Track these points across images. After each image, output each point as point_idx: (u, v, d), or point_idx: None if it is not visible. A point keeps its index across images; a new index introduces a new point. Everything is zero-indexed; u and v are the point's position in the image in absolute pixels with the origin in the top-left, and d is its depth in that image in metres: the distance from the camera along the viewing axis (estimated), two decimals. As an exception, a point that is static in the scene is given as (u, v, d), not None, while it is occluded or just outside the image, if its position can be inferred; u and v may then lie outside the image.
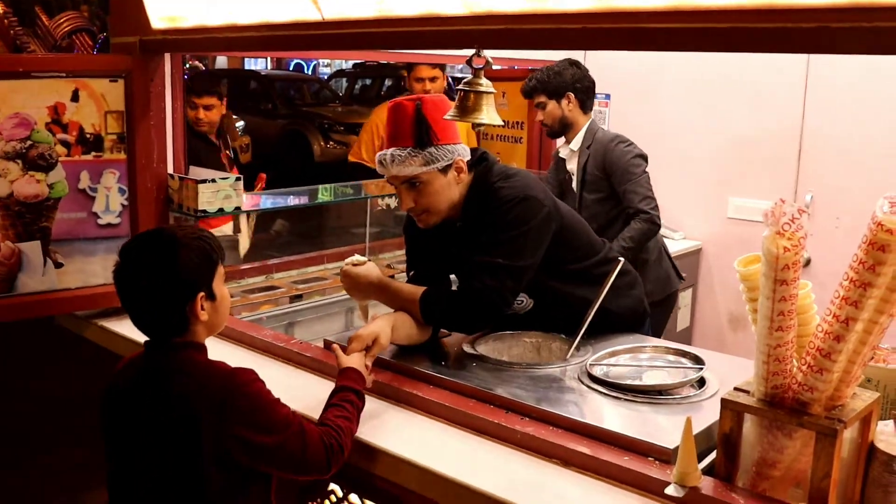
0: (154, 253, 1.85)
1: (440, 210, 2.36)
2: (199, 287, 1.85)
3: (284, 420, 1.82)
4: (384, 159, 2.30)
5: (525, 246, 2.32)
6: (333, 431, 1.88)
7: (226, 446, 1.76)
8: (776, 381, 1.62)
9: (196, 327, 1.88)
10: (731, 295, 4.72)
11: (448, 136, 2.31)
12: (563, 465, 1.88)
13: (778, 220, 1.52)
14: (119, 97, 2.91)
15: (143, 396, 1.85)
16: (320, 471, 1.85)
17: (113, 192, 2.95)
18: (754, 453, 1.69)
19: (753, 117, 4.49)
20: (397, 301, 2.37)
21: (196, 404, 1.77)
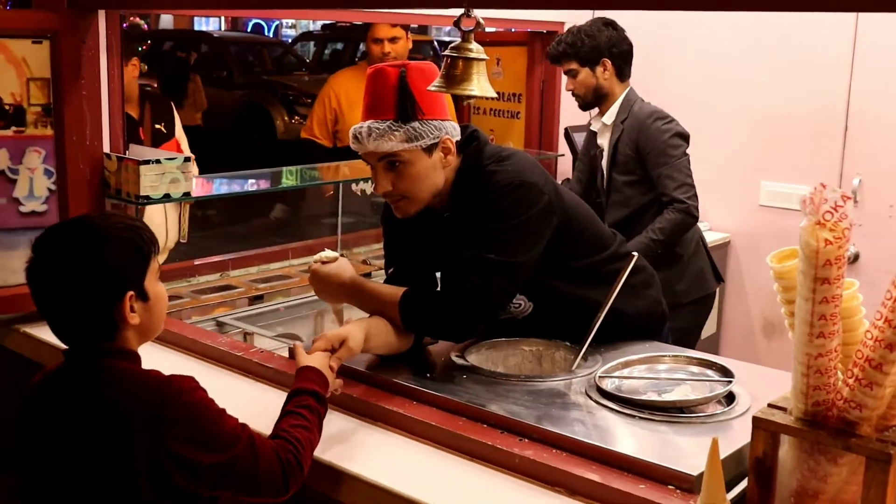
0: (73, 246, 1.82)
1: (421, 197, 2.36)
2: (128, 285, 1.83)
3: (231, 433, 1.81)
4: (360, 133, 2.29)
5: (520, 239, 2.32)
6: (290, 445, 1.87)
7: (164, 467, 1.75)
8: (818, 397, 1.62)
9: (126, 332, 1.86)
10: (764, 296, 4.73)
11: (435, 110, 2.30)
12: (569, 495, 1.88)
13: (818, 209, 1.52)
14: (44, 62, 2.88)
15: (65, 414, 1.83)
16: (276, 492, 1.84)
17: (38, 174, 2.93)
18: (792, 481, 1.69)
19: (790, 89, 4.50)
20: (373, 305, 2.37)
21: (127, 420, 1.75)
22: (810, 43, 4.39)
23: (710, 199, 4.87)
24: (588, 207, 2.66)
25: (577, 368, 2.36)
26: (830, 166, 4.37)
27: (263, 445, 1.83)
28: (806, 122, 4.46)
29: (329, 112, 4.69)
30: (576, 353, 2.39)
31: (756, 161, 4.68)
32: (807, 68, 4.44)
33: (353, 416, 2.24)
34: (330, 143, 4.70)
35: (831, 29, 4.33)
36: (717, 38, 4.69)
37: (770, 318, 4.74)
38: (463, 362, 2.40)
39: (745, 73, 4.63)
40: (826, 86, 4.39)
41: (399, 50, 4.56)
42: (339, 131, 4.68)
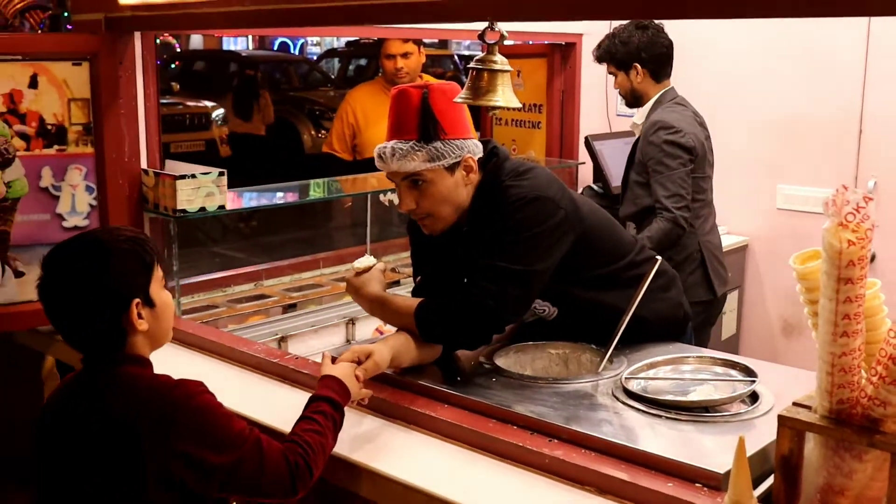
0: (79, 262, 1.85)
1: (444, 214, 2.36)
2: (134, 294, 1.85)
3: (238, 435, 1.81)
4: (384, 153, 2.29)
5: (534, 250, 2.31)
6: (300, 448, 1.88)
7: (171, 468, 1.76)
8: (842, 395, 1.61)
9: (135, 339, 1.88)
10: (782, 297, 4.69)
11: (457, 129, 2.30)
12: (598, 493, 1.87)
13: (840, 210, 1.51)
14: (83, 83, 2.91)
15: (79, 419, 1.84)
16: (284, 492, 1.84)
17: (79, 190, 2.95)
18: (818, 478, 1.68)
19: (806, 93, 4.47)
20: (396, 319, 2.39)
21: (137, 422, 1.77)
22: (824, 48, 4.36)
23: (728, 202, 4.85)
24: (608, 215, 2.64)
25: (603, 370, 2.34)
26: (846, 169, 4.34)
27: (271, 448, 1.84)
28: (821, 125, 4.43)
29: (347, 127, 4.70)
30: (601, 355, 2.38)
31: (772, 165, 4.65)
32: (821, 73, 4.41)
33: (385, 419, 2.24)
34: (350, 156, 4.71)
35: (845, 33, 4.30)
36: (734, 44, 4.67)
37: (788, 319, 4.71)
38: (491, 365, 2.40)
39: (761, 78, 4.61)
40: (840, 90, 4.36)
41: (411, 65, 4.55)
42: (357, 145, 4.69)
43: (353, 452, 2.06)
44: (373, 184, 4.05)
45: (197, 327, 2.96)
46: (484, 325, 2.31)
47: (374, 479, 2.00)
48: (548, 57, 4.87)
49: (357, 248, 4.24)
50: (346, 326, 3.41)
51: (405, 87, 2.32)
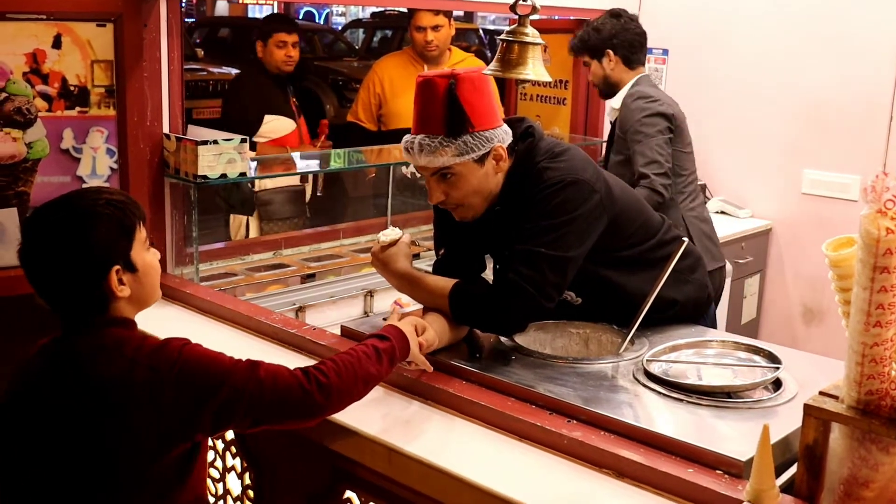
0: (56, 227, 1.82)
1: (475, 203, 2.31)
2: (114, 260, 1.83)
3: (229, 368, 1.83)
4: (411, 147, 2.24)
5: (571, 235, 2.26)
6: (320, 367, 1.90)
7: (164, 421, 1.76)
8: (871, 386, 1.57)
9: (118, 304, 1.86)
10: (805, 283, 4.65)
11: (486, 120, 2.23)
12: (616, 477, 1.85)
13: (880, 196, 1.47)
14: (108, 45, 2.89)
15: (61, 383, 1.82)
16: (295, 405, 1.86)
17: (100, 153, 2.93)
18: (843, 470, 1.65)
19: (835, 75, 4.41)
20: (427, 299, 2.35)
21: (128, 385, 1.76)
22: (857, 30, 4.29)
23: (752, 186, 4.82)
24: (637, 196, 2.61)
25: (625, 352, 2.31)
26: (874, 156, 4.27)
27: (268, 366, 1.87)
28: (850, 110, 4.37)
29: (373, 97, 4.67)
30: (622, 336, 2.35)
31: (799, 149, 4.59)
32: (853, 56, 4.34)
33: (402, 393, 2.22)
34: (375, 126, 4.69)
35: (879, 17, 4.23)
36: (764, 23, 4.62)
37: (809, 305, 4.67)
38: (511, 344, 2.37)
39: (790, 59, 4.55)
40: (872, 74, 4.29)
41: (441, 38, 4.52)
42: (383, 115, 4.66)
43: (369, 427, 2.04)
44: (396, 155, 4.02)
45: (214, 295, 2.94)
46: (522, 311, 2.26)
47: (389, 455, 1.98)
48: (574, 32, 4.80)
49: (378, 220, 4.21)
50: (365, 298, 3.39)
51: (431, 76, 2.24)
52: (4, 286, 2.79)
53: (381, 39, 15.15)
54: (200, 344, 1.87)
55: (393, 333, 2.09)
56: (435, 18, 4.48)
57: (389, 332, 2.08)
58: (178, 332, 2.25)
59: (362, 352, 1.99)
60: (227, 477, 2.42)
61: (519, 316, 2.28)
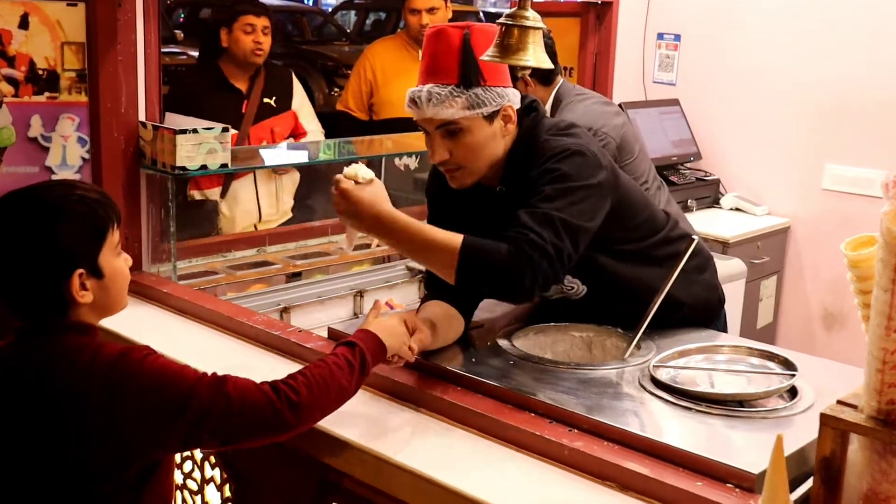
0: (19, 220, 1.80)
1: (478, 167, 2.31)
2: (77, 263, 1.80)
3: (192, 383, 1.80)
4: (418, 97, 2.23)
5: (584, 203, 2.21)
6: (289, 379, 1.88)
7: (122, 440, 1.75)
8: (893, 395, 1.57)
9: (78, 309, 1.83)
10: (824, 285, 4.67)
11: (498, 77, 2.26)
12: (620, 490, 1.85)
13: (901, 193, 1.47)
14: (79, 25, 2.89)
15: (14, 396, 1.80)
16: (266, 420, 1.83)
17: (71, 142, 2.94)
18: (862, 484, 1.65)
19: (858, 66, 4.42)
20: (414, 245, 2.19)
21: (85, 395, 1.75)
22: (883, 15, 4.30)
23: (769, 181, 4.83)
24: (640, 189, 2.62)
25: (630, 357, 2.32)
26: (898, 149, 4.29)
27: (238, 383, 1.84)
28: (876, 100, 4.38)
29: (364, 84, 4.68)
30: (628, 340, 2.36)
31: (820, 142, 4.61)
32: (879, 43, 4.36)
33: (392, 400, 2.22)
34: (365, 116, 4.69)
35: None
36: (783, 8, 4.63)
37: (830, 309, 4.68)
38: (509, 347, 2.38)
39: (811, 46, 4.57)
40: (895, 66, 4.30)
41: (437, 21, 4.54)
42: (374, 104, 4.68)
43: (358, 436, 2.05)
44: (388, 146, 4.03)
45: (193, 294, 2.95)
46: (541, 275, 2.12)
47: (379, 466, 1.99)
48: (581, 17, 4.81)
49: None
50: (354, 298, 3.40)
51: (444, 26, 2.26)
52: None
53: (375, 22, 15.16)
54: (163, 354, 1.84)
55: (362, 338, 2.05)
56: (430, 1, 4.50)
57: (359, 338, 2.05)
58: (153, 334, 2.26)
59: (333, 363, 1.96)
60: (206, 489, 2.42)
61: (535, 281, 2.12)
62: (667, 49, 5.15)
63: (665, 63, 5.17)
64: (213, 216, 4.08)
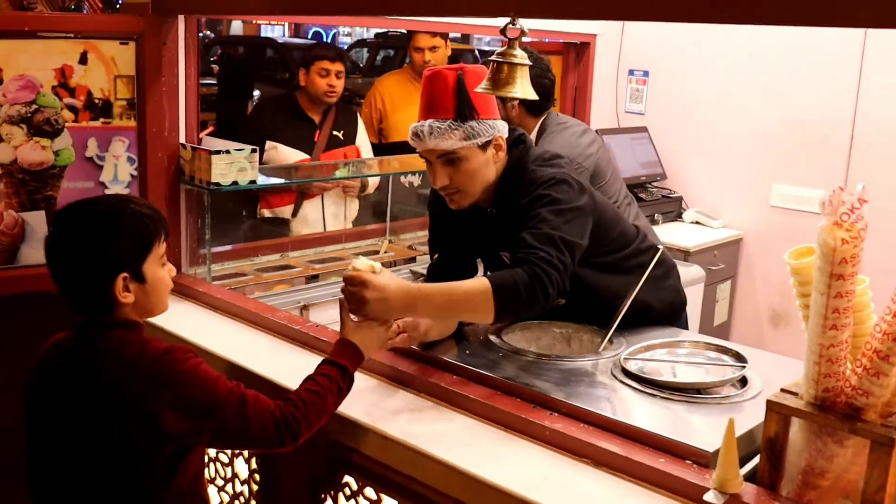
0: (79, 225, 1.82)
1: (474, 190, 2.31)
2: (122, 267, 1.80)
3: (224, 397, 1.79)
4: (421, 131, 2.24)
5: (576, 223, 2.21)
6: (292, 406, 1.86)
7: (160, 427, 1.75)
8: (828, 384, 1.59)
9: (123, 308, 1.84)
10: (772, 289, 4.67)
11: (489, 111, 2.26)
12: (594, 465, 1.86)
13: (836, 210, 1.49)
14: (129, 61, 2.90)
15: (70, 380, 1.82)
16: (270, 445, 1.85)
17: (122, 161, 2.94)
18: (801, 461, 1.66)
19: (802, 99, 4.43)
20: (452, 305, 2.12)
21: (126, 385, 1.75)
22: (822, 54, 4.32)
23: (724, 198, 4.84)
24: (614, 207, 2.61)
25: (604, 350, 2.32)
26: (837, 172, 4.30)
27: (258, 405, 1.82)
28: (815, 129, 4.39)
29: (375, 112, 4.68)
30: (602, 336, 2.36)
31: (768, 165, 4.61)
32: (818, 78, 4.36)
33: (397, 387, 2.23)
34: (376, 139, 4.69)
35: (841, 42, 4.26)
36: (737, 50, 4.63)
37: (777, 309, 4.68)
38: (498, 342, 2.37)
39: (761, 82, 4.57)
40: (835, 95, 4.31)
41: (438, 58, 4.56)
42: (383, 129, 4.67)
43: (365, 416, 2.05)
44: (395, 166, 4.03)
45: (225, 293, 2.95)
46: (556, 291, 2.10)
47: (384, 443, 1.99)
48: (563, 55, 4.82)
49: (378, 225, 4.21)
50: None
51: (439, 68, 2.27)
52: (32, 283, 2.80)
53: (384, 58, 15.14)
54: (203, 361, 1.84)
55: (351, 358, 2.01)
56: (432, 40, 4.51)
57: (348, 359, 2.00)
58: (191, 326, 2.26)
59: (328, 389, 1.92)
60: (236, 461, 2.43)
61: (554, 291, 2.10)
62: (637, 83, 5.16)
63: (635, 95, 5.18)
64: (283, 232, 4.03)
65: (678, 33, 4.87)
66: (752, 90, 4.60)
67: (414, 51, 4.58)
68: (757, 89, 4.59)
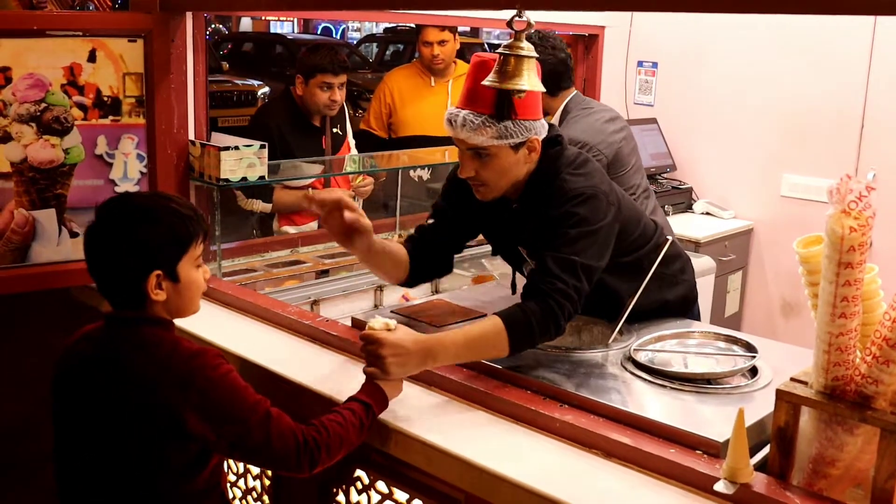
0: (120, 218, 1.84)
1: (501, 186, 2.27)
2: (156, 265, 1.81)
3: (249, 409, 1.79)
4: (455, 120, 2.18)
5: (597, 245, 2.21)
6: (314, 431, 1.83)
7: (185, 428, 1.76)
8: (837, 373, 1.58)
9: (154, 306, 1.85)
10: (783, 279, 4.66)
11: (530, 111, 2.20)
12: (604, 457, 1.86)
13: (844, 198, 1.49)
14: (138, 58, 2.90)
15: (100, 372, 1.83)
16: (288, 468, 1.82)
17: (131, 158, 2.95)
18: (811, 449, 1.66)
19: (812, 88, 4.41)
20: (470, 351, 2.10)
21: (156, 382, 1.76)
22: (831, 44, 4.30)
23: (734, 188, 4.83)
24: (634, 204, 2.58)
25: (614, 342, 2.32)
26: (847, 161, 4.28)
27: (282, 424, 1.81)
28: (825, 120, 4.37)
29: (384, 107, 4.67)
30: (612, 328, 2.36)
31: (778, 155, 4.60)
32: (827, 68, 4.35)
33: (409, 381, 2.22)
34: (385, 134, 4.68)
35: (851, 30, 4.24)
36: (747, 38, 4.62)
37: (788, 300, 4.67)
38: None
39: (770, 72, 4.56)
40: (845, 85, 4.30)
41: (447, 52, 4.55)
42: (392, 123, 4.66)
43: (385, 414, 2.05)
44: (404, 160, 4.03)
45: (236, 289, 2.96)
46: (569, 319, 2.15)
47: (397, 437, 2.00)
48: (571, 47, 4.81)
49: (387, 220, 4.21)
50: (375, 292, 3.40)
51: (488, 57, 2.19)
52: (43, 281, 2.82)
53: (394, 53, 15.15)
54: (234, 369, 1.84)
55: (376, 398, 1.98)
56: (441, 34, 4.51)
57: (373, 398, 1.97)
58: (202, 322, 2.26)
59: (352, 423, 1.89)
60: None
61: (566, 321, 2.15)
62: (646, 75, 5.15)
63: (644, 87, 5.17)
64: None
65: (687, 24, 4.87)
66: (762, 79, 4.59)
67: (423, 45, 4.58)
68: (766, 78, 4.57)
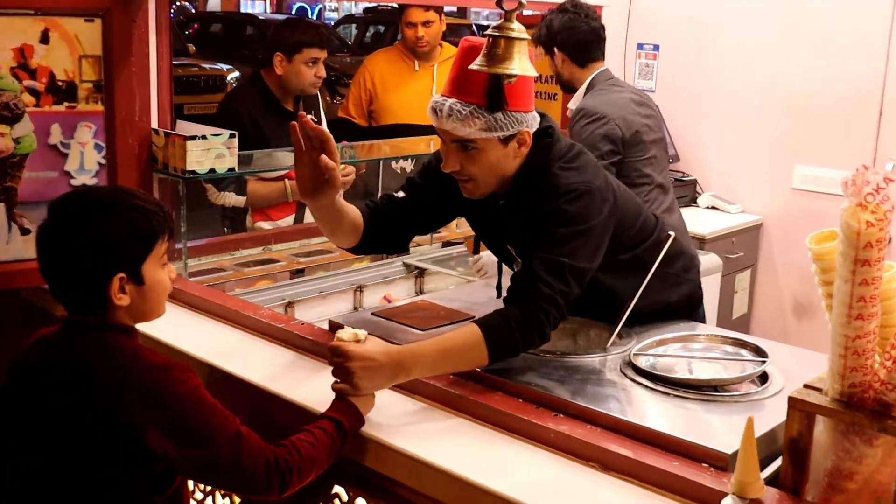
0: (77, 217, 1.79)
1: (488, 182, 2.25)
2: (119, 266, 1.78)
3: (219, 426, 1.77)
4: (440, 109, 2.16)
5: (588, 245, 2.20)
6: (286, 453, 1.82)
7: (144, 444, 1.73)
8: (854, 379, 1.58)
9: (117, 310, 1.82)
10: (795, 277, 4.67)
11: (522, 102, 2.18)
12: (602, 470, 1.85)
13: (860, 190, 1.48)
14: (96, 40, 2.88)
15: (60, 377, 1.80)
16: (256, 489, 1.80)
17: (88, 148, 2.93)
18: (827, 462, 1.66)
19: (825, 73, 4.42)
20: (446, 362, 2.11)
21: (119, 391, 1.74)
22: (847, 26, 4.31)
23: (743, 181, 4.84)
24: (633, 196, 2.58)
25: (612, 346, 2.32)
26: (864, 151, 4.29)
27: (252, 446, 1.79)
28: (840, 106, 4.38)
29: (364, 93, 4.66)
30: (610, 331, 2.36)
31: (790, 145, 4.61)
32: (843, 51, 4.36)
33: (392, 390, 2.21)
34: (365, 122, 4.67)
35: (868, 13, 4.24)
36: (754, 18, 4.63)
37: (800, 300, 4.68)
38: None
39: (781, 54, 4.56)
40: (861, 70, 4.31)
41: (432, 33, 4.54)
42: (373, 111, 4.65)
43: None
44: (386, 151, 4.03)
45: (203, 290, 2.94)
46: (555, 323, 2.15)
47: (378, 450, 1.99)
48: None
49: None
50: (354, 293, 3.39)
51: (478, 42, 2.16)
52: (-8, 281, 2.80)
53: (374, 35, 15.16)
54: (201, 384, 1.81)
55: (349, 416, 1.97)
56: (425, 14, 4.49)
57: (345, 415, 1.96)
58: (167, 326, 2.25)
59: (325, 445, 1.89)
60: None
61: (552, 328, 2.15)
62: (646, 58, 5.15)
63: (645, 71, 5.17)
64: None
65: (690, 2, 4.87)
66: (771, 63, 4.60)
67: (406, 26, 4.56)
68: (776, 61, 4.58)
